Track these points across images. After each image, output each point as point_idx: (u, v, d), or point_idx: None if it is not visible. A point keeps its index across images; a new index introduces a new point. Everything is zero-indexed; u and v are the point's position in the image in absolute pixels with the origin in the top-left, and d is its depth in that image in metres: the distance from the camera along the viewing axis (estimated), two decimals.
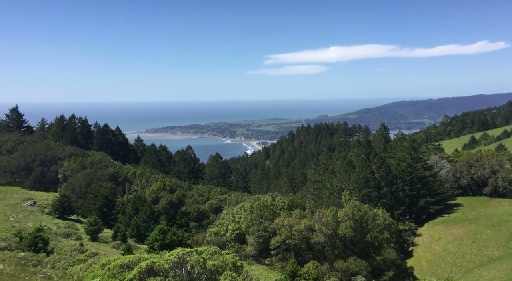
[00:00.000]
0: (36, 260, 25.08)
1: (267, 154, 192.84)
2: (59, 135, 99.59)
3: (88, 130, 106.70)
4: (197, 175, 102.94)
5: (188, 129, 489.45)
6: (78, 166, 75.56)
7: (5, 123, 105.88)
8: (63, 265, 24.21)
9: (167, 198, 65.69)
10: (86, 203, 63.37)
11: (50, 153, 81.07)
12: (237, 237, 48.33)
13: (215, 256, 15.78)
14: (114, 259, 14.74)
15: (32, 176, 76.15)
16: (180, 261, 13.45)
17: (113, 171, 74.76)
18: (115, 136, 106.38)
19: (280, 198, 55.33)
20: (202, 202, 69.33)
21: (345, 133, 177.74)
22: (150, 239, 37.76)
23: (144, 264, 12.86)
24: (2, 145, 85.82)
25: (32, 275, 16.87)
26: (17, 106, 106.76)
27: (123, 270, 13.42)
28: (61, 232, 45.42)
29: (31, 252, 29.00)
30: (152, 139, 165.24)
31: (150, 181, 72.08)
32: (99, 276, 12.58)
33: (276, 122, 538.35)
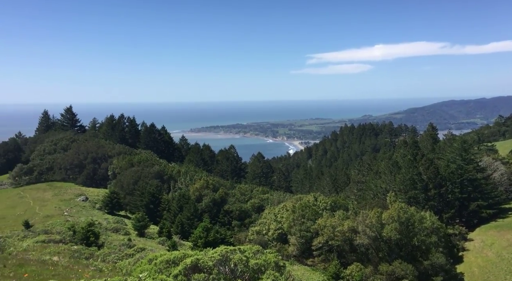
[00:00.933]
0: (88, 253, 26.34)
1: (310, 154, 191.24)
2: (109, 134, 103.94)
3: (135, 129, 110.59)
4: (239, 174, 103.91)
5: (231, 129, 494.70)
6: (126, 164, 78.51)
7: (60, 122, 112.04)
8: (113, 259, 25.25)
9: (210, 197, 66.76)
10: (134, 199, 65.72)
11: (101, 151, 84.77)
12: (279, 236, 48.32)
13: (257, 255, 15.87)
14: (160, 254, 15.19)
15: (84, 173, 80.00)
16: (224, 259, 13.64)
17: (159, 169, 77.00)
18: (161, 135, 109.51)
19: (322, 199, 54.69)
20: (244, 201, 69.91)
21: (390, 133, 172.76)
22: (194, 236, 38.56)
23: (189, 260, 13.15)
24: (57, 143, 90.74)
25: (84, 267, 17.75)
26: (71, 106, 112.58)
27: (169, 265, 13.80)
28: (111, 227, 47.41)
29: (84, 245, 30.49)
30: (196, 138, 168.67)
31: (194, 179, 73.55)
32: (147, 270, 13.00)
33: (318, 121, 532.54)
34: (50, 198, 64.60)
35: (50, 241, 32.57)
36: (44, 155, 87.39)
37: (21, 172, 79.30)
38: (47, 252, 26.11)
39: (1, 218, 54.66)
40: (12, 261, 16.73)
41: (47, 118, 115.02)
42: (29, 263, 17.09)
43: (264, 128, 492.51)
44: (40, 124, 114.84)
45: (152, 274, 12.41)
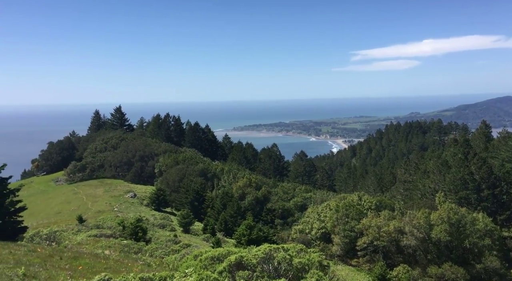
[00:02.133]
0: (137, 248, 27.36)
1: (353, 152, 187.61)
2: (155, 132, 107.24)
3: (180, 128, 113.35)
4: (282, 173, 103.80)
5: (273, 127, 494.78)
6: (172, 162, 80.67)
7: (110, 121, 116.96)
8: (160, 254, 26.08)
9: (253, 195, 67.23)
10: (179, 197, 67.41)
11: (148, 149, 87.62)
12: (322, 236, 47.82)
13: (301, 254, 15.81)
14: (205, 251, 15.50)
15: (133, 170, 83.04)
16: (267, 257, 13.70)
17: (203, 167, 78.46)
18: (205, 133, 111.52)
19: (367, 198, 53.49)
20: (287, 199, 69.79)
21: (439, 131, 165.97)
22: (238, 234, 38.96)
23: (233, 257, 13.33)
24: (108, 141, 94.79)
25: (134, 261, 18.45)
26: (120, 106, 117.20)
27: (213, 262, 14.06)
28: (158, 223, 48.90)
29: (132, 240, 31.68)
30: (239, 136, 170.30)
31: (237, 177, 74.32)
32: (192, 266, 13.31)
33: (363, 119, 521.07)
34: (101, 194, 67.57)
35: (102, 236, 34.14)
36: (95, 153, 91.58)
37: (74, 169, 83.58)
38: (99, 246, 27.40)
39: (57, 212, 57.92)
40: (68, 254, 17.69)
41: (98, 118, 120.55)
42: (83, 256, 18.00)
43: (307, 126, 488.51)
44: (92, 123, 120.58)
45: (197, 270, 12.68)
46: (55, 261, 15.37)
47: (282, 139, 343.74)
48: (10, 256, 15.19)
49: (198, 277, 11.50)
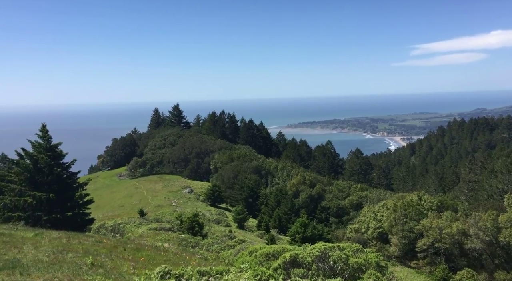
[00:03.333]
0: (194, 242, 28.22)
1: (413, 150, 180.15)
2: (211, 129, 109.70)
3: (235, 125, 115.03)
4: (336, 171, 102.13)
5: (328, 124, 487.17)
6: (226, 158, 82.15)
7: (169, 119, 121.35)
8: (216, 249, 26.69)
9: (307, 192, 66.77)
10: (234, 193, 68.52)
11: (204, 146, 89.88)
12: (379, 236, 46.46)
13: (357, 253, 15.48)
14: (260, 247, 15.64)
15: (189, 166, 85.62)
16: (323, 255, 13.57)
17: (257, 164, 79.11)
18: (259, 131, 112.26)
19: (427, 198, 51.16)
20: (342, 197, 68.58)
21: (508, 128, 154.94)
22: (292, 231, 38.91)
23: (288, 255, 13.33)
24: (166, 138, 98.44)
25: (191, 255, 19.05)
26: (178, 104, 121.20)
27: (268, 258, 14.15)
28: (213, 218, 50.06)
29: (190, 234, 32.70)
30: (293, 133, 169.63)
31: (291, 175, 74.17)
32: (248, 262, 13.47)
33: (423, 116, 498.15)
34: (161, 189, 70.35)
35: (161, 229, 35.57)
36: (155, 149, 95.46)
37: (136, 165, 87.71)
38: (158, 239, 28.60)
39: (121, 206, 61.15)
40: (131, 245, 18.63)
41: (157, 116, 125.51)
42: (144, 248, 18.87)
43: (363, 123, 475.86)
44: (152, 121, 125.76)
45: (253, 266, 12.83)
46: (119, 252, 16.25)
47: (337, 137, 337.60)
48: (79, 246, 16.28)
49: (253, 273, 11.62)
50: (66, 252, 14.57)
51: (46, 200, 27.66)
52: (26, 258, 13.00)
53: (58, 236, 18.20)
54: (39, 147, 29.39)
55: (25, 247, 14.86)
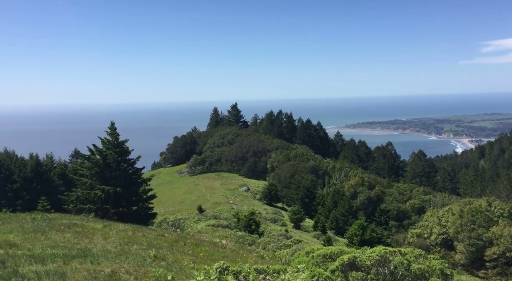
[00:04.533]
0: (250, 240, 28.58)
1: (482, 153, 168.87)
2: (268, 129, 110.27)
3: (292, 125, 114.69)
4: (397, 173, 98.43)
5: (389, 125, 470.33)
6: (283, 158, 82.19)
7: (227, 118, 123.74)
8: (272, 248, 26.84)
9: (365, 194, 65.06)
10: (290, 193, 68.39)
11: (261, 145, 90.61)
12: (443, 242, 44.15)
13: (420, 259, 14.79)
14: (317, 248, 15.47)
15: (246, 165, 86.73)
16: (383, 260, 13.13)
17: (314, 164, 78.36)
18: (316, 130, 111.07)
19: (498, 204, 47.76)
20: (402, 201, 66.02)
21: None
22: (349, 233, 38.13)
23: (346, 257, 13.06)
24: (224, 137, 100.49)
25: (248, 253, 19.30)
26: (236, 103, 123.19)
27: (325, 260, 13.95)
28: (269, 217, 50.31)
29: (246, 232, 33.14)
30: (351, 134, 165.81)
31: (349, 176, 72.64)
32: (304, 262, 13.36)
33: (494, 117, 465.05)
34: (218, 186, 71.93)
35: (219, 226, 36.38)
36: (213, 147, 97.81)
37: (195, 162, 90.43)
38: (216, 235, 29.30)
39: (181, 202, 63.38)
40: (190, 241, 19.26)
41: (216, 115, 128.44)
42: (203, 243, 19.41)
43: (426, 124, 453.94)
44: (211, 119, 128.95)
45: (309, 267, 12.72)
46: (180, 246, 16.86)
47: (398, 138, 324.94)
48: (143, 239, 17.10)
49: (310, 274, 11.52)
50: (131, 244, 15.37)
51: (113, 194, 29.37)
52: (96, 248, 13.89)
53: (124, 228, 19.24)
54: (108, 143, 31.27)
55: (95, 237, 15.89)
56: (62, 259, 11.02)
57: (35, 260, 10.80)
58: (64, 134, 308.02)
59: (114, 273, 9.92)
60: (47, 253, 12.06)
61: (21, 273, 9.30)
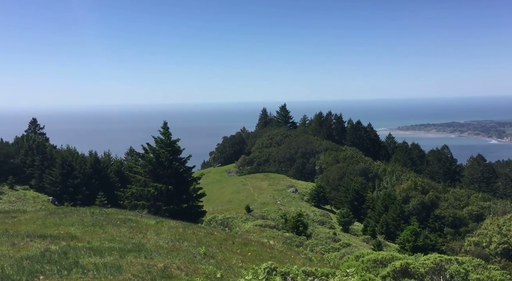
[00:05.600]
0: (298, 241, 28.44)
1: None
2: (317, 130, 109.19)
3: (342, 126, 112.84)
4: (453, 177, 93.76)
5: (445, 127, 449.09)
6: (332, 159, 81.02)
7: (275, 119, 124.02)
8: (320, 250, 26.53)
9: (418, 199, 62.64)
10: (339, 195, 67.28)
11: (309, 146, 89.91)
12: (504, 252, 41.52)
13: (478, 269, 14.03)
14: (367, 252, 15.12)
15: (294, 166, 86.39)
16: (438, 268, 12.58)
17: (364, 167, 76.58)
18: (367, 132, 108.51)
19: None
20: (459, 207, 62.82)
21: None
22: (401, 238, 36.88)
23: (398, 263, 12.65)
24: (273, 138, 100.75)
25: (296, 254, 19.21)
26: (285, 104, 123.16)
27: (376, 265, 13.61)
28: (317, 219, 49.80)
29: (294, 233, 33.03)
30: (404, 136, 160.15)
31: (401, 179, 70.27)
32: (354, 267, 13.10)
33: None
34: (266, 187, 72.19)
35: (266, 226, 36.51)
36: (262, 148, 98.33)
37: (244, 162, 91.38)
38: (264, 235, 29.42)
39: (229, 201, 64.30)
40: (239, 240, 19.47)
41: (265, 115, 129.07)
42: (251, 243, 19.56)
43: (487, 127, 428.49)
44: (260, 120, 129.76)
45: (359, 271, 12.43)
46: (229, 245, 17.10)
47: (455, 141, 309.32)
48: (193, 236, 17.52)
49: (360, 279, 11.26)
50: (182, 240, 15.80)
51: (165, 192, 30.37)
52: (149, 243, 14.42)
53: (175, 225, 19.82)
54: (161, 142, 32.38)
55: (148, 233, 16.50)
56: (118, 253, 11.55)
57: (93, 253, 11.39)
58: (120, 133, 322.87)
59: (166, 268, 10.24)
60: (105, 246, 12.69)
61: (81, 264, 9.85)
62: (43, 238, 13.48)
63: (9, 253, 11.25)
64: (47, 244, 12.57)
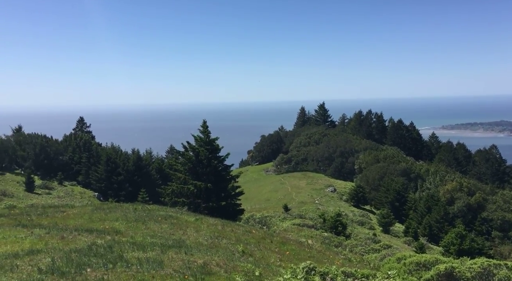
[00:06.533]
0: (337, 241, 28.06)
1: None
2: (356, 129, 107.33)
3: (382, 125, 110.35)
4: (502, 179, 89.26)
5: (493, 126, 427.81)
6: (372, 159, 79.33)
7: (314, 117, 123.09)
8: (360, 251, 26.04)
9: (464, 201, 60.18)
10: (379, 195, 65.79)
11: (348, 145, 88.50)
12: None
13: None
14: (409, 255, 14.70)
15: (333, 165, 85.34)
16: (485, 273, 12.04)
17: (405, 167, 74.49)
18: (409, 131, 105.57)
19: None
20: (509, 210, 59.78)
21: None
22: (445, 241, 35.55)
23: (443, 267, 12.22)
24: (311, 136, 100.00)
25: (335, 254, 18.95)
26: (323, 103, 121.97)
27: (419, 268, 13.20)
28: (356, 219, 48.94)
29: (333, 233, 32.62)
30: (448, 136, 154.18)
31: (445, 180, 67.76)
32: (395, 269, 12.77)
33: None
34: (304, 186, 71.74)
35: (304, 225, 36.28)
36: (300, 147, 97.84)
37: (281, 161, 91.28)
38: (302, 234, 29.25)
39: (267, 199, 64.44)
40: (277, 238, 19.46)
41: (303, 114, 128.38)
42: (289, 242, 19.49)
43: None
44: (298, 119, 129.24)
45: (401, 274, 12.11)
46: (267, 244, 17.12)
47: (504, 141, 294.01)
48: (232, 234, 17.69)
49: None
50: (221, 238, 15.99)
51: (204, 189, 30.85)
52: (189, 240, 14.71)
53: (214, 222, 20.09)
54: (200, 141, 32.91)
55: (188, 230, 16.82)
56: (159, 248, 11.86)
57: (136, 247, 11.76)
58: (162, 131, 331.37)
59: (206, 265, 10.41)
60: (147, 241, 13.07)
61: (126, 258, 10.20)
62: (89, 232, 14.07)
63: (59, 246, 11.83)
64: (94, 238, 13.11)
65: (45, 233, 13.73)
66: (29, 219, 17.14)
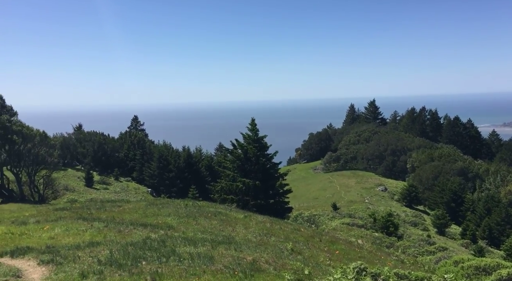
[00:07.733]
0: (388, 242, 27.28)
1: None
2: (409, 126, 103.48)
3: (437, 123, 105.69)
4: None
5: None
6: (426, 158, 76.16)
7: (364, 115, 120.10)
8: (413, 253, 25.14)
9: None
10: (433, 195, 63.08)
11: (400, 143, 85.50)
12: None
13: None
14: (468, 258, 13.98)
15: (384, 164, 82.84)
16: None
17: (463, 166, 70.86)
18: (466, 129, 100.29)
19: None
20: None
21: None
22: (507, 245, 33.50)
23: (505, 272, 11.52)
24: (361, 134, 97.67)
25: (386, 255, 18.44)
26: (374, 100, 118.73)
27: (478, 273, 12.52)
28: (409, 220, 47.27)
29: (384, 234, 31.74)
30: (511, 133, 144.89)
31: (507, 180, 63.66)
32: (452, 272, 12.20)
33: None
34: (353, 185, 70.33)
35: (354, 225, 35.59)
36: (349, 145, 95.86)
37: (330, 159, 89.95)
38: (352, 234, 28.71)
39: (315, 198, 63.84)
40: (326, 237, 19.25)
41: (353, 111, 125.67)
42: (339, 241, 19.21)
43: None
44: (347, 116, 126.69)
45: (458, 278, 11.56)
46: (315, 242, 16.98)
47: None
48: (280, 232, 17.72)
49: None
50: (269, 235, 16.07)
51: (253, 187, 31.11)
52: (239, 236, 14.91)
53: (262, 220, 20.22)
54: (248, 138, 33.21)
55: (237, 226, 17.06)
56: (210, 244, 12.12)
57: (188, 242, 12.09)
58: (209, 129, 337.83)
59: (255, 262, 10.50)
60: (198, 237, 13.40)
61: (178, 253, 10.52)
62: (144, 227, 14.65)
63: (116, 239, 12.42)
64: (148, 232, 13.64)
65: (103, 226, 14.48)
66: (89, 213, 18.15)
